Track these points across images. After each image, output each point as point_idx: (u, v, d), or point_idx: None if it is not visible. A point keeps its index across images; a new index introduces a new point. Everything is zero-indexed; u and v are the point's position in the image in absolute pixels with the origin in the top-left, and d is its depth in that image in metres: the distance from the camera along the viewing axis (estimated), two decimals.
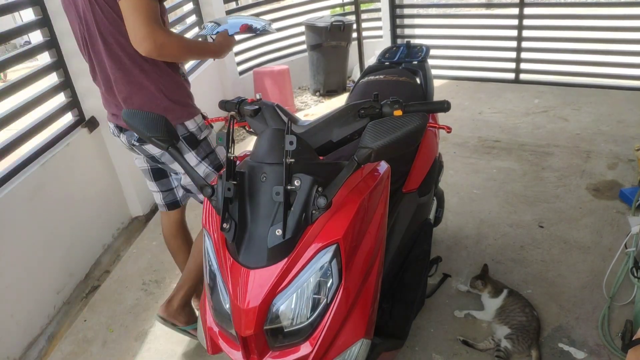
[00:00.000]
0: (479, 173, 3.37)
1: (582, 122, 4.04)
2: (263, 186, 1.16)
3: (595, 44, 4.80)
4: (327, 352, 1.21)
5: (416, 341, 2.04)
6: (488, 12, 7.89)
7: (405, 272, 1.88)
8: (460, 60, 5.56)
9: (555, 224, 2.72)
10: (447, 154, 3.65)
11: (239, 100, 1.52)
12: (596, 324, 2.03)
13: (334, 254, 1.17)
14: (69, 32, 1.88)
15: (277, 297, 1.15)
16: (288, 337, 1.19)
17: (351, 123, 1.35)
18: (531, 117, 4.25)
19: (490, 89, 5.07)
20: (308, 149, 1.27)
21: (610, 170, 3.20)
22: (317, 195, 1.11)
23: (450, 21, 6.15)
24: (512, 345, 1.90)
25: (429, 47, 2.43)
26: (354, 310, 1.26)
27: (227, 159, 1.16)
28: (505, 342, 1.92)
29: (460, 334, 2.06)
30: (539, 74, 5.09)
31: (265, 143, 1.22)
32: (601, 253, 2.45)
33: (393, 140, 1.06)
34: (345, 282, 1.20)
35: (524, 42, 5.09)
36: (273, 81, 4.81)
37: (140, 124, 1.32)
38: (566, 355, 1.91)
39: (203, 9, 4.75)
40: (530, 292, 2.25)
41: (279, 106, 1.49)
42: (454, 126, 1.61)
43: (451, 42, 5.59)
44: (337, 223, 1.19)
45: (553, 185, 3.12)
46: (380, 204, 1.38)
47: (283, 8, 6.03)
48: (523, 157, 3.53)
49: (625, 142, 3.56)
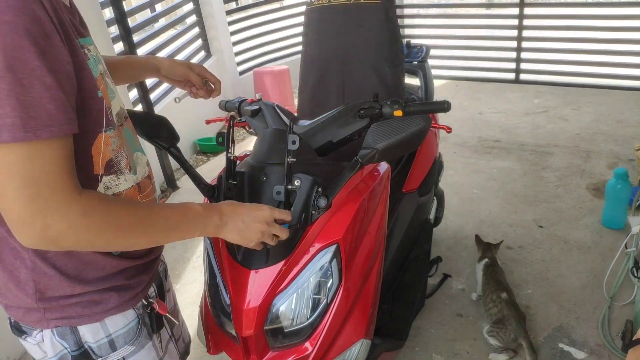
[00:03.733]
0: (479, 173, 3.37)
1: (582, 122, 4.04)
2: (263, 186, 1.16)
3: (595, 44, 4.81)
4: (327, 352, 1.21)
5: (416, 341, 2.04)
6: (488, 12, 7.90)
7: (405, 272, 1.88)
8: (460, 60, 5.57)
9: (555, 224, 2.72)
10: (447, 154, 3.65)
11: (239, 100, 1.52)
12: (596, 324, 2.03)
13: (334, 254, 1.17)
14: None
15: (277, 297, 1.15)
16: (288, 337, 1.19)
17: (351, 123, 1.35)
18: (531, 117, 4.25)
19: (490, 89, 5.07)
20: (308, 149, 1.27)
21: (610, 170, 3.19)
22: (318, 196, 1.11)
23: (450, 21, 6.15)
24: (498, 341, 1.89)
25: (429, 47, 2.43)
26: (354, 310, 1.26)
27: (227, 159, 1.16)
28: (490, 339, 1.92)
29: (461, 334, 2.05)
30: (539, 74, 5.10)
31: (265, 143, 1.22)
32: (601, 253, 2.45)
33: (397, 141, 1.06)
34: (345, 282, 1.20)
35: (524, 42, 5.09)
36: (273, 81, 4.81)
37: (140, 123, 1.31)
38: (566, 355, 1.91)
39: (203, 9, 4.75)
40: (530, 292, 2.25)
41: (279, 106, 1.49)
42: (454, 126, 1.60)
43: (451, 42, 5.59)
44: (337, 223, 1.19)
45: (553, 185, 3.11)
46: (380, 204, 1.38)
47: (283, 8, 6.03)
48: (523, 157, 3.53)
49: (625, 142, 3.56)
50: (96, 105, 0.80)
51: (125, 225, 0.77)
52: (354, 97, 1.83)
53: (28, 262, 0.82)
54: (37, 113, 0.66)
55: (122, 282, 0.90)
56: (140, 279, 0.94)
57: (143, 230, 0.80)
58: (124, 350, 0.93)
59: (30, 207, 0.68)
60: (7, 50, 0.64)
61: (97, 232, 0.74)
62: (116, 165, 0.86)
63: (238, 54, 5.32)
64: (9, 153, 0.66)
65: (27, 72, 0.66)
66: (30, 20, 0.66)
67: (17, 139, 0.65)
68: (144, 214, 0.80)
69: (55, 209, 0.70)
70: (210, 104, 2.11)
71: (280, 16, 5.75)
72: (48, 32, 0.68)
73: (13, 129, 0.65)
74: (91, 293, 0.86)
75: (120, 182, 0.88)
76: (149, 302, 0.96)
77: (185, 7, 4.70)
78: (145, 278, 0.96)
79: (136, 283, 0.93)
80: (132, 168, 0.91)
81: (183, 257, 2.80)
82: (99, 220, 0.73)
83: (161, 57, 1.28)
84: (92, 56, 0.82)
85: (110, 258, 0.87)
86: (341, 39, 1.81)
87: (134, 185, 0.91)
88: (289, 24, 5.73)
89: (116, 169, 0.86)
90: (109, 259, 0.87)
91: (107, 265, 0.87)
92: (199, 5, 4.71)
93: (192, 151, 4.36)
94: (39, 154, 0.68)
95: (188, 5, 4.68)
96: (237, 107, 1.51)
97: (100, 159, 0.83)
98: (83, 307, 0.87)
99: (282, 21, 5.72)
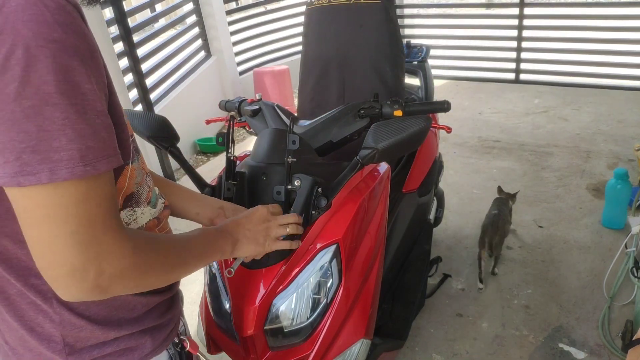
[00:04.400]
0: (479, 173, 3.37)
1: (582, 122, 4.04)
2: (263, 186, 1.16)
3: (595, 44, 4.81)
4: (327, 352, 1.21)
5: (416, 341, 2.04)
6: (488, 12, 7.89)
7: (405, 272, 1.88)
8: (460, 60, 5.57)
9: (555, 224, 2.72)
10: (447, 154, 3.65)
11: (239, 100, 1.52)
12: (596, 324, 2.03)
13: (334, 254, 1.17)
14: None
15: (277, 297, 1.15)
16: (288, 337, 1.19)
17: (351, 123, 1.35)
18: (531, 117, 4.25)
19: (490, 89, 5.07)
20: (308, 149, 1.27)
21: (610, 170, 3.19)
22: (318, 196, 1.11)
23: (451, 21, 6.15)
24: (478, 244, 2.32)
25: (429, 47, 2.43)
26: (354, 310, 1.26)
27: (227, 159, 1.16)
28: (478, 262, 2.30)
29: (461, 334, 2.06)
30: (539, 74, 5.10)
31: (265, 143, 1.22)
32: (601, 253, 2.45)
33: (397, 141, 1.06)
34: (345, 282, 1.20)
35: (524, 42, 5.09)
36: (273, 81, 4.81)
37: (140, 123, 1.31)
38: (566, 355, 1.91)
39: (203, 9, 4.75)
40: (530, 292, 2.25)
41: (279, 106, 1.49)
42: (454, 126, 1.61)
43: (451, 42, 5.59)
44: (337, 223, 1.19)
45: (553, 185, 3.11)
46: (380, 204, 1.38)
47: (283, 8, 6.03)
48: (523, 157, 3.53)
49: (625, 142, 3.56)
50: (124, 134, 0.71)
51: (168, 260, 0.73)
52: (354, 97, 1.83)
53: (53, 315, 0.72)
54: (94, 143, 0.58)
55: (155, 321, 0.83)
56: (172, 315, 0.88)
57: (183, 263, 0.77)
58: None
59: (86, 254, 0.58)
60: (58, 73, 0.55)
61: (145, 271, 0.67)
62: (135, 198, 0.78)
63: (238, 54, 5.31)
64: (64, 193, 0.56)
65: (80, 97, 0.57)
66: (78, 37, 0.58)
67: (77, 175, 0.56)
68: (179, 247, 0.77)
69: (111, 252, 0.61)
70: (210, 104, 2.11)
71: (280, 16, 5.75)
72: (92, 50, 0.60)
73: (71, 164, 0.56)
74: (126, 339, 0.78)
75: (138, 216, 0.79)
76: (180, 340, 0.90)
77: (185, 7, 4.70)
78: (176, 313, 0.90)
79: (168, 320, 0.86)
80: (152, 202, 0.83)
81: None
82: (146, 258, 0.67)
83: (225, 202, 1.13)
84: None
85: (140, 296, 0.79)
86: (341, 39, 1.81)
87: (152, 219, 0.83)
88: (289, 24, 5.72)
89: (134, 203, 0.78)
90: (138, 298, 0.79)
91: (138, 304, 0.79)
92: (199, 5, 4.71)
93: (192, 151, 4.36)
94: (97, 191, 0.59)
95: (188, 5, 4.68)
96: (237, 107, 1.51)
97: (122, 193, 0.75)
98: (119, 356, 0.78)
99: (282, 21, 5.72)
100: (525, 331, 2.03)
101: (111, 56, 3.14)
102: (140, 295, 0.79)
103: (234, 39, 5.22)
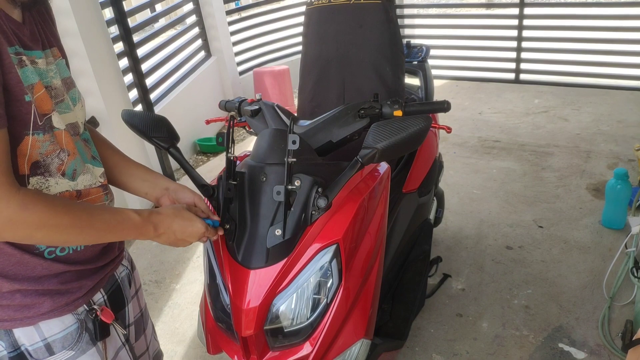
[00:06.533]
0: (479, 173, 3.37)
1: (582, 122, 4.04)
2: (263, 186, 1.16)
3: (595, 44, 4.81)
4: (327, 352, 1.21)
5: (416, 341, 2.04)
6: (488, 12, 7.90)
7: (405, 273, 1.88)
8: (460, 60, 5.57)
9: (555, 224, 2.72)
10: (447, 154, 3.65)
11: (239, 100, 1.52)
12: (596, 324, 2.03)
13: (334, 254, 1.17)
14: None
15: (277, 297, 1.15)
16: (288, 337, 1.19)
17: (351, 123, 1.35)
18: (531, 117, 4.25)
19: (490, 89, 5.08)
20: (308, 149, 1.27)
21: (610, 170, 3.20)
22: (317, 196, 1.11)
23: (451, 21, 6.16)
24: None
25: (429, 47, 2.43)
26: (354, 310, 1.26)
27: (227, 159, 1.16)
28: None
29: (461, 334, 2.06)
30: (539, 74, 5.10)
31: (265, 143, 1.22)
32: (601, 253, 2.45)
33: (397, 141, 1.06)
34: (345, 282, 1.20)
35: (524, 42, 5.10)
36: (273, 81, 4.81)
37: (140, 123, 1.31)
38: (566, 355, 1.91)
39: (203, 9, 4.75)
40: (530, 292, 2.25)
41: (279, 106, 1.49)
42: (454, 126, 1.61)
43: (451, 42, 5.59)
44: (337, 223, 1.19)
45: (553, 185, 3.12)
46: (380, 204, 1.38)
47: (283, 8, 6.03)
48: (523, 157, 3.53)
49: (625, 142, 3.56)
50: (23, 109, 0.82)
51: (63, 222, 0.80)
52: (354, 97, 1.83)
53: None
54: None
55: (57, 286, 0.90)
56: (82, 284, 0.94)
57: (80, 229, 0.83)
58: (63, 354, 0.92)
59: None
60: None
61: (35, 227, 0.77)
62: (44, 167, 0.86)
63: (238, 54, 5.32)
64: None
65: None
66: None
67: None
68: (82, 214, 0.84)
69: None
70: (210, 104, 2.11)
71: (280, 16, 5.75)
72: None
73: None
74: (22, 295, 0.87)
75: (51, 185, 0.88)
76: (93, 309, 0.96)
77: (185, 7, 4.71)
78: (89, 283, 0.96)
79: (75, 288, 0.93)
80: (69, 174, 0.91)
81: (183, 257, 2.80)
82: (37, 215, 0.77)
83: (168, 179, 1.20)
84: (37, 68, 0.86)
85: (42, 260, 0.87)
86: (341, 39, 1.81)
87: (70, 190, 0.91)
88: (289, 24, 5.73)
89: (44, 171, 0.86)
90: (39, 260, 0.87)
91: (38, 266, 0.87)
92: (199, 5, 4.71)
93: (192, 151, 4.36)
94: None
95: (188, 5, 4.69)
96: (237, 107, 1.51)
97: (26, 160, 0.83)
98: (15, 310, 0.87)
99: (282, 21, 5.73)
100: (525, 331, 2.03)
101: (111, 56, 3.14)
102: (42, 258, 0.88)
103: (234, 39, 5.23)
